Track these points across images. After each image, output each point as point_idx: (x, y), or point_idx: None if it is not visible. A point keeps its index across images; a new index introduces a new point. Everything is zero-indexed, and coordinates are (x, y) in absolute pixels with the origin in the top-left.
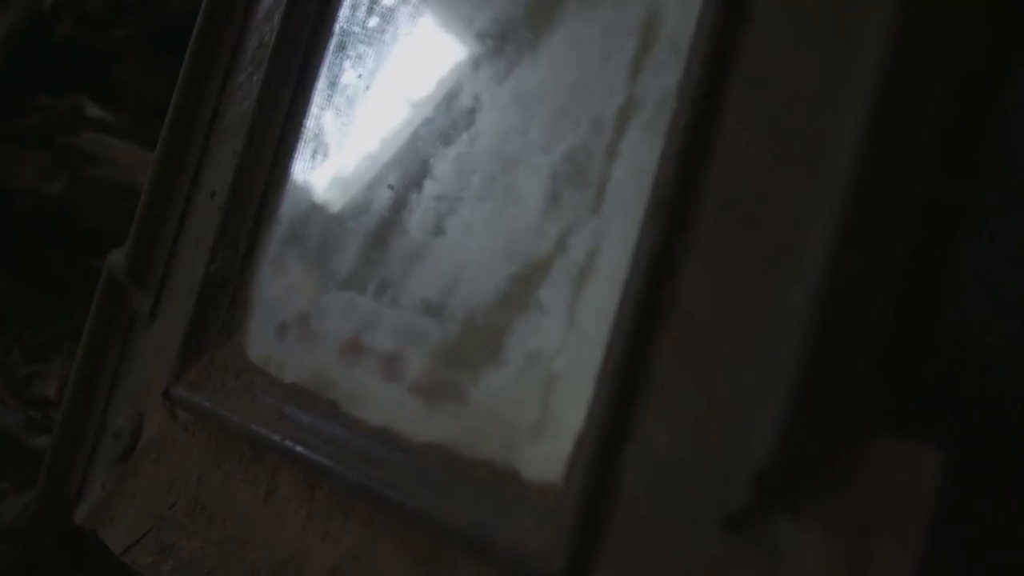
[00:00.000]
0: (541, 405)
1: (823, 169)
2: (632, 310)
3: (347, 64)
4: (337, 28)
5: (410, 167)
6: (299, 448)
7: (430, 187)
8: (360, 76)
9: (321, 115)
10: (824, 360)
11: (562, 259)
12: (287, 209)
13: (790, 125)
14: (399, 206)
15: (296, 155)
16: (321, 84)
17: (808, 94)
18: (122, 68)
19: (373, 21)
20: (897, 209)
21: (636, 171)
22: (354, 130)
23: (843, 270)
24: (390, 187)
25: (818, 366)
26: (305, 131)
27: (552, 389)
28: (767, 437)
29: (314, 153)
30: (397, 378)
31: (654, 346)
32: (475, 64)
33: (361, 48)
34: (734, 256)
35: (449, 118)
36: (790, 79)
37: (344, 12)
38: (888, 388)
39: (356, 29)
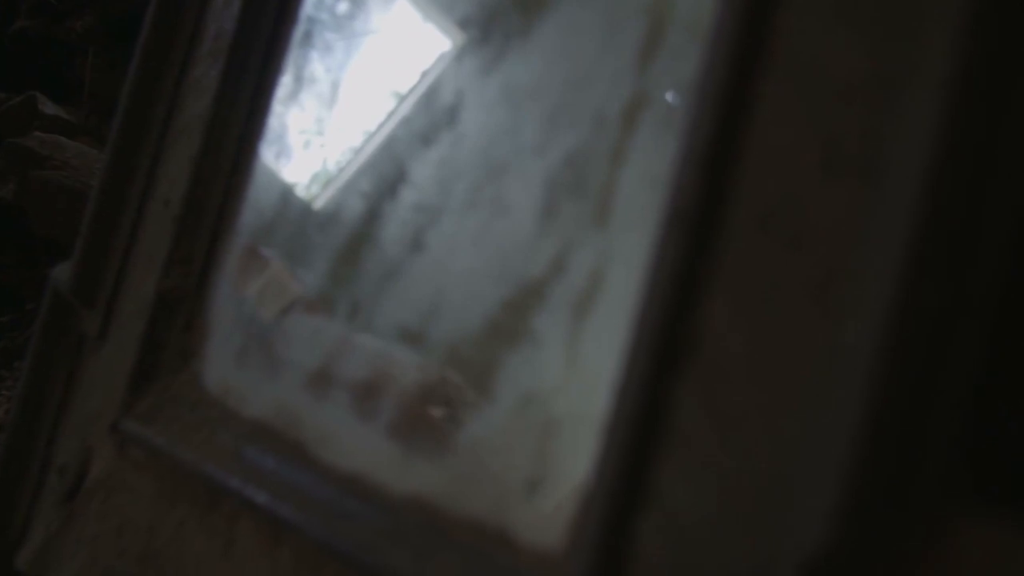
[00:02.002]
0: (537, 455)
1: (885, 176)
2: (647, 347)
3: (314, 56)
4: (303, 15)
5: (385, 172)
6: (260, 497)
7: (407, 195)
8: (328, 69)
9: (285, 113)
10: (892, 417)
11: (560, 282)
12: (248, 220)
13: (840, 122)
14: (373, 216)
15: (258, 159)
16: (285, 78)
17: (861, 83)
18: (82, 62)
19: (342, 7)
20: (982, 225)
21: (648, 178)
22: (322, 130)
23: (914, 302)
24: (362, 195)
25: (885, 424)
26: (268, 131)
27: (550, 436)
28: (818, 515)
29: (278, 156)
30: (371, 417)
31: (674, 391)
32: (457, 55)
33: (329, 37)
34: (773, 283)
35: (428, 117)
36: (838, 65)
37: None
38: (976, 454)
39: (324, 16)
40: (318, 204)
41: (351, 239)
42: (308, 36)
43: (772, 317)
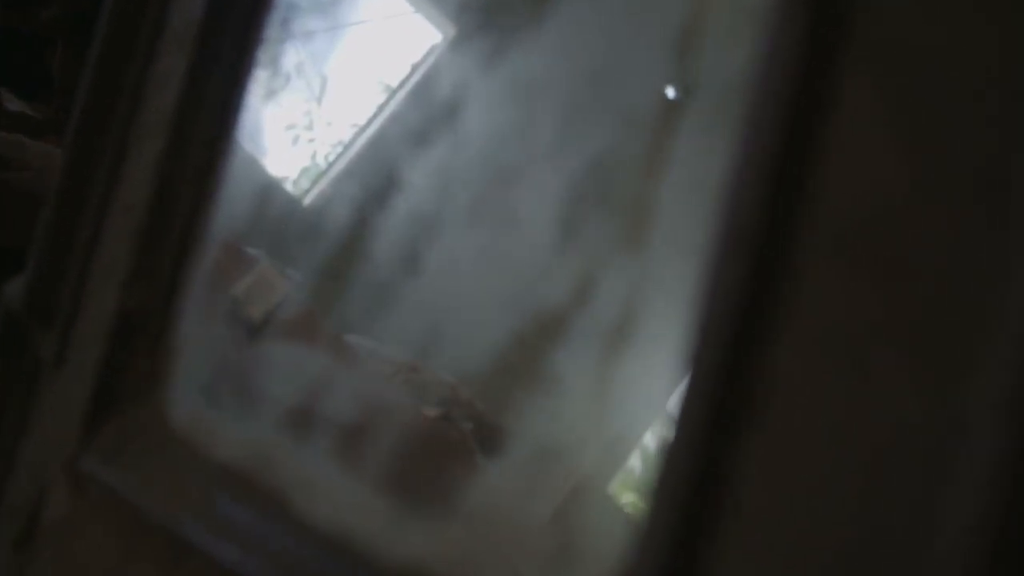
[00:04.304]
0: (558, 521)
1: (1009, 194)
2: (699, 400)
3: (293, 44)
4: (280, 0)
5: (374, 176)
6: (232, 556)
7: (401, 204)
8: (310, 60)
9: (261, 109)
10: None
11: (584, 312)
12: (220, 230)
13: (945, 128)
14: (361, 228)
15: (232, 159)
16: (261, 70)
17: (978, 79)
18: (50, 54)
19: None
20: None
21: (695, 189)
22: (303, 127)
23: None
24: (349, 205)
25: (1015, 528)
26: (242, 130)
27: (573, 498)
28: None
29: (254, 157)
30: (360, 466)
31: (731, 455)
32: (455, 43)
33: (310, 23)
34: (858, 327)
35: (423, 113)
36: (941, 55)
37: None
38: None
39: (304, 2)
40: (298, 212)
41: (337, 254)
42: (286, 21)
43: (856, 370)
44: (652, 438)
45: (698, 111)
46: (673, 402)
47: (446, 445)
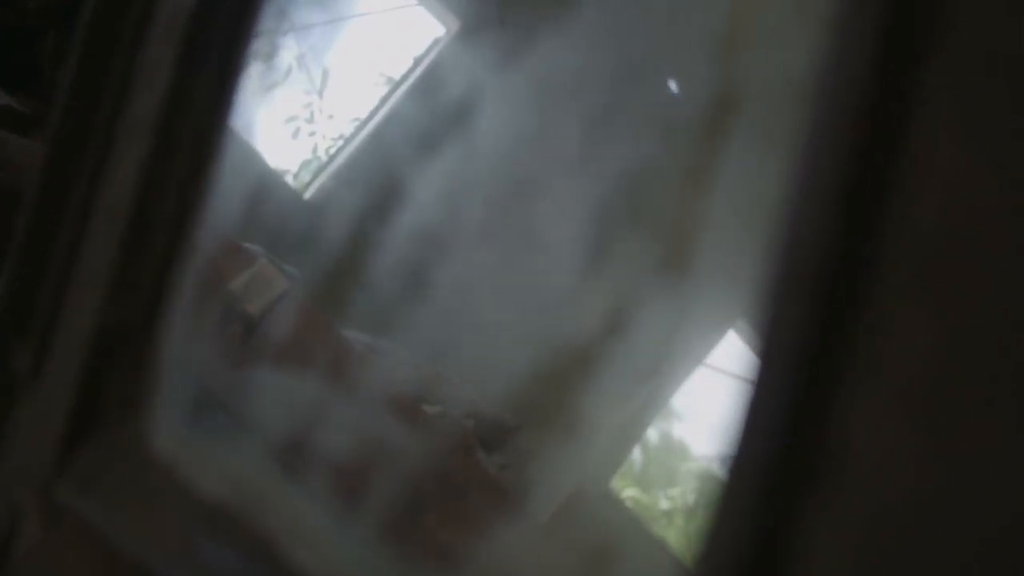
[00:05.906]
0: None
1: None
2: (758, 462)
3: (289, 38)
4: None
5: (376, 172)
6: None
7: (406, 217)
8: (310, 51)
9: (254, 108)
10: None
11: (616, 346)
12: (208, 240)
13: None
14: (361, 243)
15: (220, 165)
16: (260, 62)
17: None
18: (41, 46)
19: None
20: None
21: (746, 207)
22: (303, 120)
23: None
24: (347, 218)
25: None
26: (233, 131)
27: (606, 559)
28: None
29: (253, 150)
30: (358, 509)
31: (795, 531)
32: (466, 36)
33: (308, 15)
34: (955, 375)
35: (426, 107)
36: None
37: None
38: None
39: None
40: (291, 222)
41: (334, 271)
42: (282, 13)
43: (947, 428)
44: (654, 432)
45: (752, 112)
46: (676, 395)
47: (446, 442)
